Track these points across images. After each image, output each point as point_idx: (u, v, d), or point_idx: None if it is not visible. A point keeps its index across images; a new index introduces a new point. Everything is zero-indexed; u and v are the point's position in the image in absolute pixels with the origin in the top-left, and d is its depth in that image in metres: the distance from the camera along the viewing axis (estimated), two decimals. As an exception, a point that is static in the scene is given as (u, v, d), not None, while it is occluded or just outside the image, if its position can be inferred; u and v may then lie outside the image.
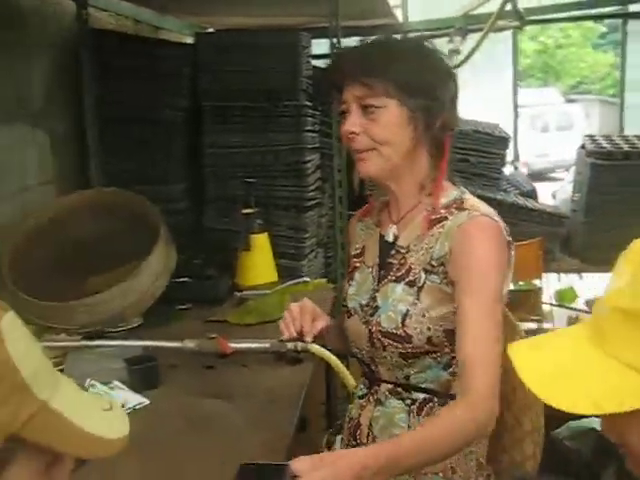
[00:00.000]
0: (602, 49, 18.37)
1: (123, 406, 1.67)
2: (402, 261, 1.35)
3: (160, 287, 2.14)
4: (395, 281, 1.34)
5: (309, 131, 2.81)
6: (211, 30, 3.78)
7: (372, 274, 1.41)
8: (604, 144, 3.50)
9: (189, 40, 3.58)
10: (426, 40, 1.40)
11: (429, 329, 1.29)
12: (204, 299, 2.42)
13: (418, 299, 1.30)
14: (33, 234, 2.23)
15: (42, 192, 2.50)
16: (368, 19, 3.59)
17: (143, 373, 1.79)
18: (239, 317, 2.26)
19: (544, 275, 3.55)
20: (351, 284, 1.45)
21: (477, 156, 3.66)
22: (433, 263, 1.30)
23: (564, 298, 4.65)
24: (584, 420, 2.76)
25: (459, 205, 1.32)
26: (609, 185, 3.39)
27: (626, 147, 3.43)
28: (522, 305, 3.69)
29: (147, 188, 2.63)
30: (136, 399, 1.72)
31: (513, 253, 1.31)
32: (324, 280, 2.66)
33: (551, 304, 4.28)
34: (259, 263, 2.54)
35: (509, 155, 4.19)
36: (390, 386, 1.37)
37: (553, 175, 14.39)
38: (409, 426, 1.33)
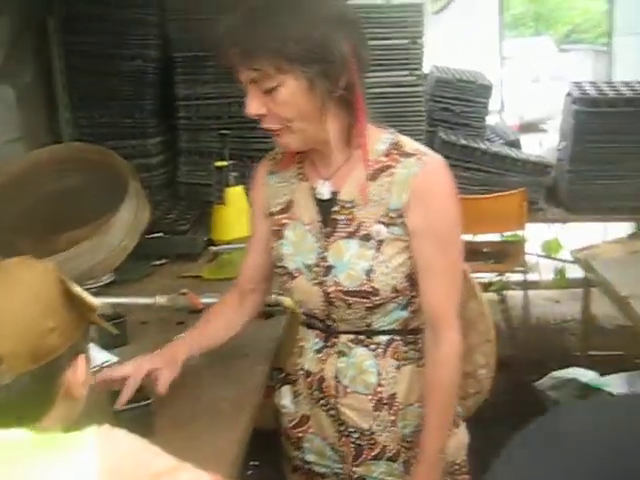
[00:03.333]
0: (594, -4, 18.05)
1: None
2: (350, 216, 1.30)
3: (130, 243, 2.08)
4: (346, 237, 1.30)
5: (285, 80, 2.73)
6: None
7: (311, 232, 1.34)
8: (590, 91, 3.42)
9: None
10: None
11: (393, 278, 1.28)
12: (178, 254, 2.39)
13: (379, 252, 1.27)
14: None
15: (10, 149, 2.43)
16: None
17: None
18: (213, 272, 2.22)
19: (530, 226, 3.51)
20: (283, 243, 1.37)
21: (460, 105, 3.57)
22: (391, 215, 1.27)
23: (550, 249, 4.63)
24: (565, 371, 2.77)
25: (400, 150, 1.29)
26: (594, 133, 3.31)
27: (612, 94, 3.35)
28: (507, 256, 3.66)
29: (119, 143, 2.59)
30: (104, 356, 1.69)
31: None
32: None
33: (537, 255, 4.25)
34: (234, 217, 2.48)
35: (494, 104, 4.11)
36: (351, 336, 1.35)
37: (545, 126, 14.28)
38: (379, 372, 1.34)
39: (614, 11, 4.28)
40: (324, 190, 1.33)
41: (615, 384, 2.53)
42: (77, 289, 0.92)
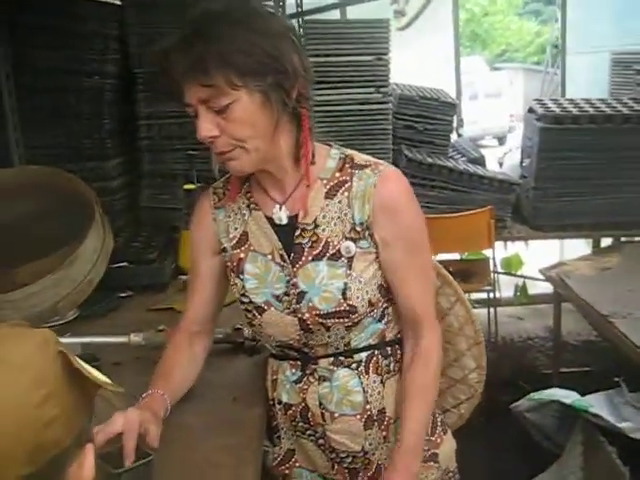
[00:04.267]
0: (525, 17, 18.64)
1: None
2: (314, 238, 1.27)
3: (97, 275, 1.91)
4: (314, 260, 1.27)
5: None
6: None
7: (274, 261, 1.29)
8: (552, 107, 3.41)
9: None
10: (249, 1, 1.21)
11: (367, 292, 1.27)
12: (146, 285, 2.25)
13: (350, 269, 1.26)
14: (-53, 221, 1.96)
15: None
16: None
17: (84, 375, 1.58)
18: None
19: (496, 244, 3.48)
20: (245, 278, 1.32)
21: (424, 122, 3.53)
22: (357, 229, 1.26)
23: (510, 265, 4.63)
24: (546, 392, 2.71)
25: (352, 163, 1.28)
26: (559, 150, 3.31)
27: (575, 111, 3.35)
28: (473, 275, 3.62)
29: (77, 165, 2.41)
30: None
31: None
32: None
33: (497, 272, 4.23)
34: (205, 243, 2.34)
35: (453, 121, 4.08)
36: (331, 359, 1.33)
37: (483, 142, 14.58)
38: (364, 389, 1.33)
39: (565, 29, 4.33)
40: (282, 215, 1.29)
41: (599, 405, 2.47)
42: (81, 363, 0.74)
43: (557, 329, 3.41)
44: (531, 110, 3.50)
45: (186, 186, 2.35)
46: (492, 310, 3.73)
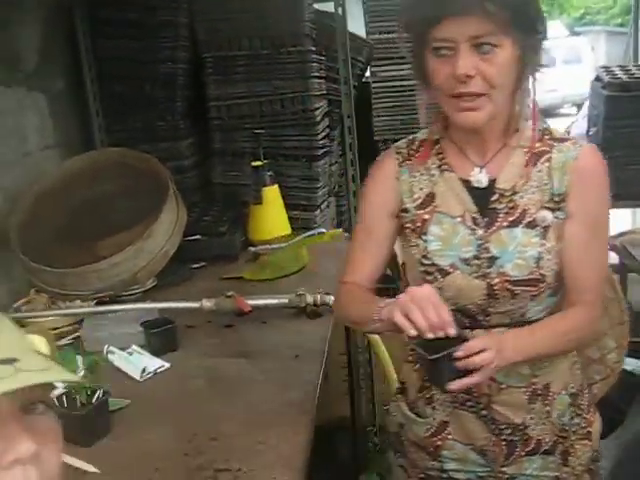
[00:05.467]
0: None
1: (144, 371, 1.65)
2: (511, 204, 1.26)
3: (172, 247, 2.08)
4: (509, 226, 1.26)
5: (315, 77, 2.70)
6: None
7: (464, 224, 1.27)
8: (620, 75, 3.37)
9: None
10: None
11: (556, 264, 1.26)
12: (217, 256, 2.38)
13: (544, 239, 1.25)
14: (39, 201, 2.17)
15: (44, 157, 2.43)
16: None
17: (162, 336, 1.76)
18: (255, 273, 2.21)
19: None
20: (427, 239, 1.29)
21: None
22: (555, 199, 1.26)
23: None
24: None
25: (551, 136, 1.28)
26: (626, 117, 3.27)
27: (643, 76, 3.30)
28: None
29: (153, 146, 2.58)
30: (157, 363, 1.69)
31: None
32: (339, 230, 2.60)
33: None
34: (271, 216, 2.48)
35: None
36: (503, 329, 1.28)
37: (562, 111, 14.13)
38: (533, 364, 1.30)
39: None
40: (482, 178, 1.28)
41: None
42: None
43: (625, 298, 3.37)
44: (598, 78, 3.46)
45: (253, 163, 2.49)
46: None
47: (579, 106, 15.14)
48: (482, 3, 1.11)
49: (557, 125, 4.27)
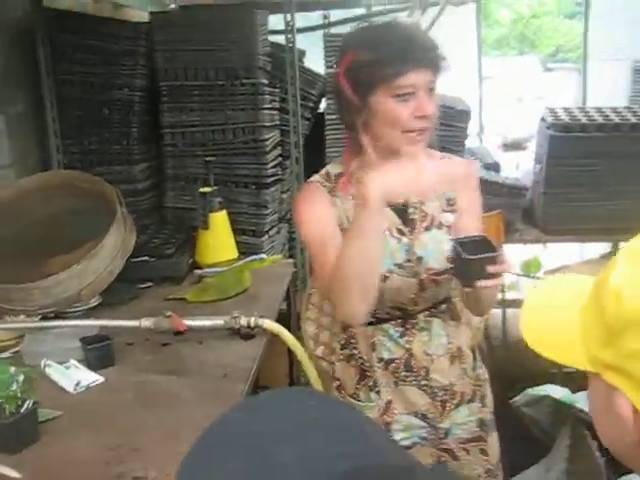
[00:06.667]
0: (577, 18, 18.28)
1: (78, 384, 1.73)
2: (422, 213, 1.56)
3: (117, 267, 2.17)
4: (426, 230, 1.56)
5: (267, 109, 2.83)
6: (172, 6, 3.77)
7: (392, 235, 1.54)
8: (562, 116, 3.54)
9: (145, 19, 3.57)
10: None
11: None
12: (164, 278, 2.46)
13: (448, 234, 1.55)
14: (-10, 218, 2.25)
15: (0, 175, 2.51)
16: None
17: (98, 352, 1.84)
18: (197, 295, 2.30)
19: (508, 246, 3.61)
20: None
21: (438, 129, 3.67)
22: (451, 202, 1.57)
23: (529, 268, 4.74)
24: (540, 388, 2.85)
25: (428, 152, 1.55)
26: (567, 157, 3.43)
27: (584, 120, 3.47)
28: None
29: (108, 169, 2.69)
30: (91, 377, 1.77)
31: None
32: (280, 256, 2.71)
33: (517, 274, 4.35)
34: (218, 241, 2.57)
35: (474, 127, 4.23)
36: (427, 312, 1.61)
37: (529, 144, 14.43)
38: (447, 333, 1.63)
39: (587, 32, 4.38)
40: None
41: (583, 401, 2.61)
42: None
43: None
44: (543, 118, 3.64)
45: (202, 189, 2.59)
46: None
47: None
48: (436, 59, 1.44)
49: (518, 159, 4.39)
